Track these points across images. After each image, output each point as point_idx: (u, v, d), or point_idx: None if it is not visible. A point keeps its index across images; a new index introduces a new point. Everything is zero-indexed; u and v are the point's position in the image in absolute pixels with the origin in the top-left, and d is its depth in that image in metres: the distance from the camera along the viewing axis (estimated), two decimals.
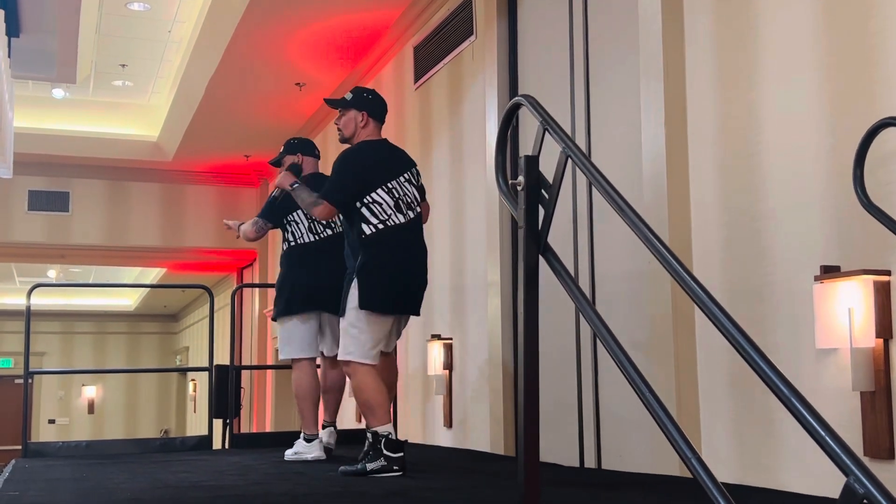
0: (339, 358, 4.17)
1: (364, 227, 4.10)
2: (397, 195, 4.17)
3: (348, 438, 5.53)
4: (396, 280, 4.13)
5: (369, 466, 3.91)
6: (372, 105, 4.37)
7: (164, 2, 8.34)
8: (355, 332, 4.07)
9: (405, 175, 4.25)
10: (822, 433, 1.44)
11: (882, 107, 3.01)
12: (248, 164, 11.59)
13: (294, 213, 5.01)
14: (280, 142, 10.08)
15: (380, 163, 4.23)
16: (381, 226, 4.10)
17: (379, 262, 4.09)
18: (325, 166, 5.48)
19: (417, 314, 4.33)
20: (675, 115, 3.97)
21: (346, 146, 4.35)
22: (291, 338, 4.98)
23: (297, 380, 4.98)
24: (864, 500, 1.35)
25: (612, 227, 4.46)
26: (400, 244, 4.15)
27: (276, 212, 5.05)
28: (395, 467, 3.92)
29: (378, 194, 4.12)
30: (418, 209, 4.27)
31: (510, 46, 5.69)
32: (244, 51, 7.83)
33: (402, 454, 3.96)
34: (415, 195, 4.27)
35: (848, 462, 1.38)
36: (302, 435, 4.96)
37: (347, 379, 4.55)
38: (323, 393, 5.13)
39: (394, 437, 3.97)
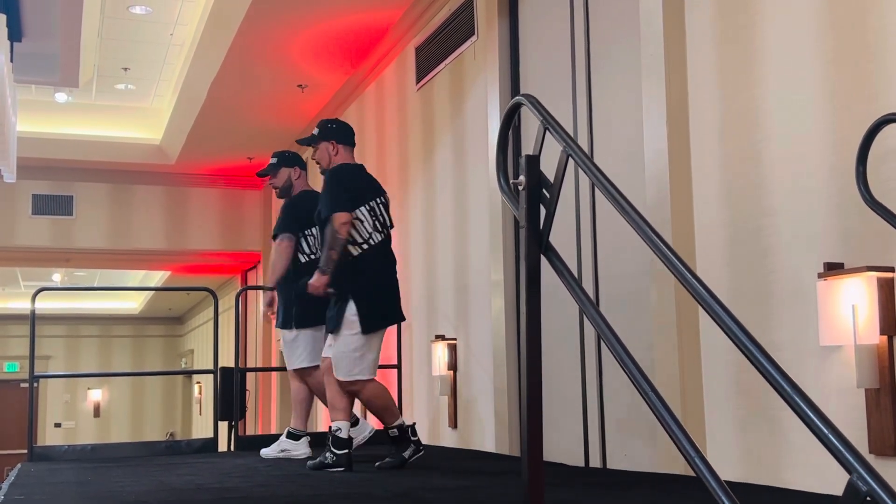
0: (343, 378, 4.34)
1: (351, 248, 4.33)
2: (375, 215, 4.43)
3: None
4: (387, 295, 4.45)
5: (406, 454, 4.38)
6: (337, 133, 4.66)
7: (165, 5, 8.35)
8: (359, 355, 4.32)
9: (380, 199, 4.52)
10: (825, 430, 1.44)
11: (884, 103, 3.00)
12: (251, 165, 11.60)
13: (312, 228, 5.05)
14: (283, 143, 10.05)
15: (359, 181, 4.52)
16: (365, 245, 4.36)
17: (372, 283, 4.37)
18: (314, 178, 5.50)
19: (404, 319, 4.71)
20: (677, 114, 3.96)
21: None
22: (305, 348, 5.08)
23: (307, 385, 5.17)
24: (868, 498, 1.35)
25: (614, 225, 4.46)
26: (383, 261, 4.45)
27: (298, 222, 5.10)
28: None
29: (361, 212, 4.37)
30: (388, 232, 4.54)
31: (511, 46, 5.69)
32: (246, 53, 7.83)
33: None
34: (386, 217, 4.52)
35: (851, 459, 1.38)
36: (290, 432, 5.15)
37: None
38: (303, 401, 5.24)
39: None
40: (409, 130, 7.24)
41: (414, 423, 4.44)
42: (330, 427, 4.37)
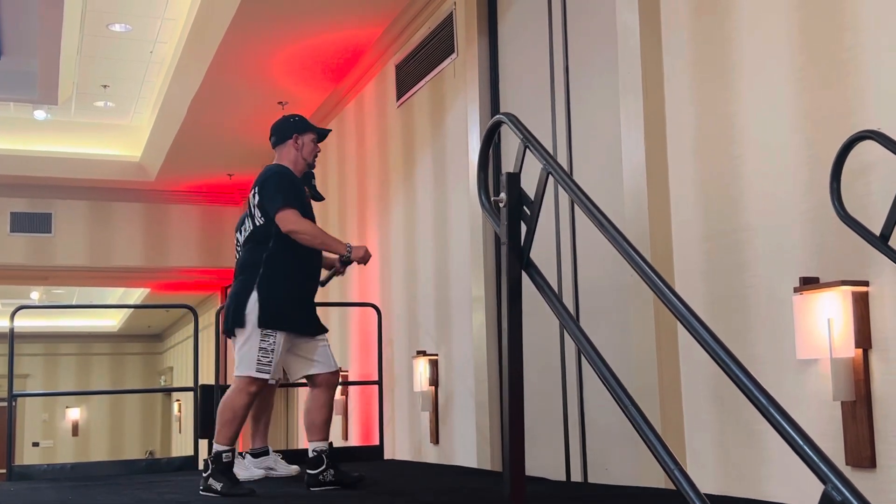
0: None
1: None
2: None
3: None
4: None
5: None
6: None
7: (145, 22, 8.35)
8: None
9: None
10: (800, 442, 1.47)
11: (858, 120, 3.06)
12: (231, 183, 11.58)
13: None
14: (263, 161, 10.01)
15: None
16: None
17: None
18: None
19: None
20: (655, 130, 4.01)
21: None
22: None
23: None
24: None
25: (594, 241, 4.50)
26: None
27: None
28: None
29: None
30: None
31: (491, 64, 5.73)
32: (226, 70, 7.84)
33: None
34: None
35: (825, 470, 1.41)
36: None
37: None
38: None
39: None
40: (389, 147, 7.27)
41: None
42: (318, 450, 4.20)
